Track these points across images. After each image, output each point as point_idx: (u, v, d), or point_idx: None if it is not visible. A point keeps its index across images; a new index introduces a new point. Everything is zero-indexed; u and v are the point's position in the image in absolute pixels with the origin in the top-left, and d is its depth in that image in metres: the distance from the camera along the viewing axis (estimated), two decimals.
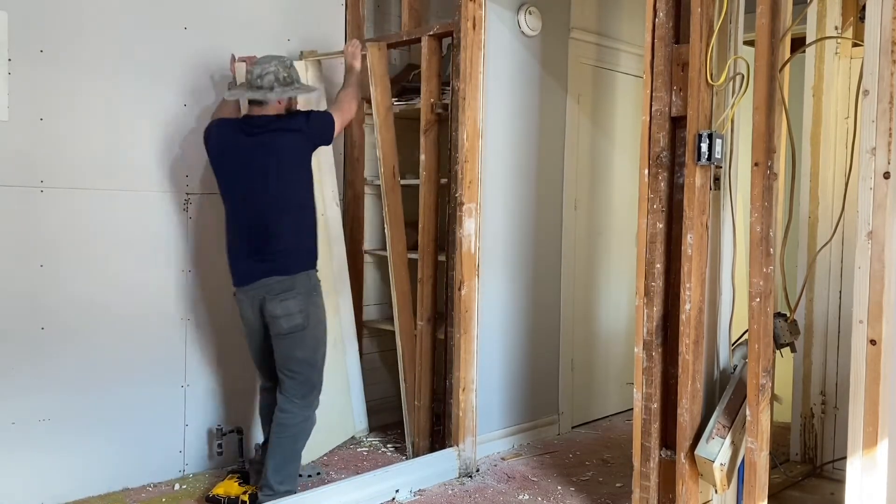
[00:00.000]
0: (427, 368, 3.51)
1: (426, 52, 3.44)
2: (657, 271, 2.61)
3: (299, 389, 2.91)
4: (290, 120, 2.89)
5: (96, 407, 3.02)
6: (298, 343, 2.87)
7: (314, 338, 2.92)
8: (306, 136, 2.88)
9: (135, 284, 3.11)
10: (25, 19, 2.80)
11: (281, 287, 2.82)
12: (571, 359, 4.05)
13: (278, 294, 2.82)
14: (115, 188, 3.03)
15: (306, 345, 2.89)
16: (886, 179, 2.13)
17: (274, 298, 2.82)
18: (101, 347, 3.02)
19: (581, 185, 4.05)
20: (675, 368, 2.58)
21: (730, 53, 2.54)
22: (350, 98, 3.11)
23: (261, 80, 2.83)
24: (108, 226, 3.03)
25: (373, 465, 3.43)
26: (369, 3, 3.91)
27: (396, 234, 3.46)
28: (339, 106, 3.05)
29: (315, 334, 2.92)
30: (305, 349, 2.89)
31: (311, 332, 2.89)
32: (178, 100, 3.19)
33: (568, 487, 3.25)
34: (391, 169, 3.46)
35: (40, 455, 2.89)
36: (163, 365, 3.20)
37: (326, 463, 3.48)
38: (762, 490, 2.41)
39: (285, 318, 2.82)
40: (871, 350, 2.17)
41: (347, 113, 3.06)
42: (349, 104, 3.08)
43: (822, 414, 3.35)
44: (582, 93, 4.01)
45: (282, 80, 2.85)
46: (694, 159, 2.47)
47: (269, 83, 2.83)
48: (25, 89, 2.81)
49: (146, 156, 3.11)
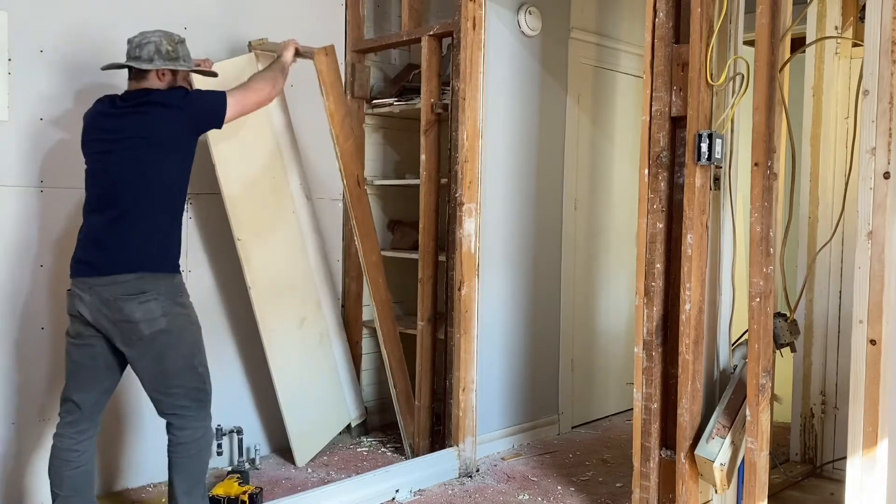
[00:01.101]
0: (427, 368, 3.51)
1: (426, 52, 3.44)
2: (657, 271, 2.61)
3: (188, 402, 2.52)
4: (165, 94, 2.48)
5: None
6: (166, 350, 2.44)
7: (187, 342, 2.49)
8: (182, 112, 2.44)
9: None
10: (25, 19, 2.80)
11: (130, 289, 2.36)
12: (571, 359, 4.05)
13: (130, 295, 2.36)
14: None
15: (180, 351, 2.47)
16: (886, 179, 2.13)
17: (130, 299, 2.36)
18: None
19: (581, 185, 4.05)
20: (675, 368, 2.58)
21: (730, 53, 2.54)
22: (261, 80, 2.73)
23: (139, 49, 2.48)
24: None
25: (373, 465, 3.43)
26: (369, 3, 3.91)
27: (368, 244, 3.40)
28: (243, 86, 2.67)
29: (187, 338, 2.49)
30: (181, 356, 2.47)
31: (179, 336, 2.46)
32: None
33: (568, 487, 3.25)
34: (354, 178, 3.33)
35: (40, 455, 2.89)
36: None
37: (327, 463, 3.48)
38: (762, 490, 2.41)
39: (146, 323, 2.37)
40: (871, 350, 2.17)
41: (253, 94, 2.66)
42: (258, 86, 2.69)
43: (822, 414, 3.35)
44: (582, 93, 4.01)
45: (164, 54, 2.48)
46: (694, 159, 2.47)
47: (147, 55, 2.47)
48: (25, 89, 2.81)
49: None
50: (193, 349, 2.50)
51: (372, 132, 3.98)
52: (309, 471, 3.37)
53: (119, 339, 2.40)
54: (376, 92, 3.92)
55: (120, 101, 2.49)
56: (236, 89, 2.63)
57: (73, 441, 2.46)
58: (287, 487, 3.17)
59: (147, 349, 2.40)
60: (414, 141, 3.64)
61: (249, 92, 2.65)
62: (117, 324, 2.37)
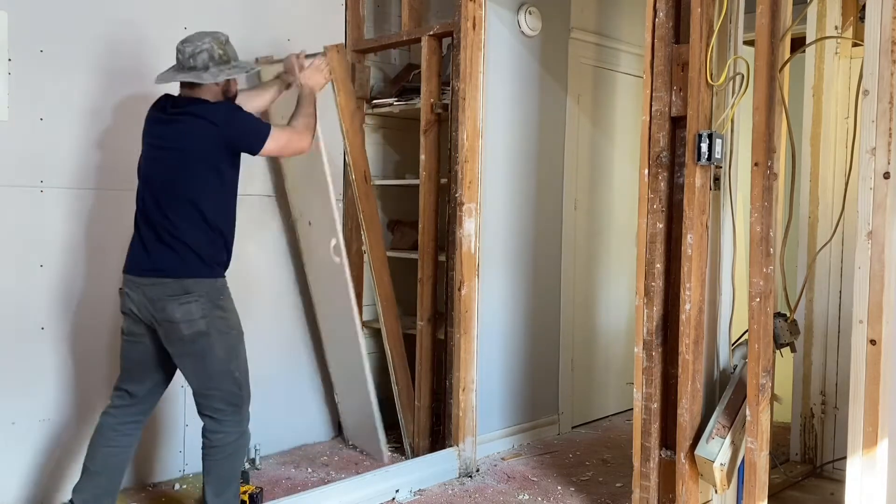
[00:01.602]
0: (427, 368, 3.51)
1: (426, 52, 3.44)
2: (657, 271, 2.61)
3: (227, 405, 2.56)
4: (210, 108, 2.48)
5: (96, 407, 3.02)
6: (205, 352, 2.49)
7: (224, 346, 2.52)
8: (221, 131, 2.44)
9: None
10: (25, 19, 2.80)
11: (173, 290, 2.44)
12: (571, 359, 4.05)
13: (172, 297, 2.44)
14: (115, 188, 3.03)
15: (216, 355, 2.50)
16: (886, 179, 2.13)
17: (171, 300, 2.44)
18: (101, 348, 3.02)
19: (581, 185, 4.05)
20: (675, 368, 2.58)
21: (730, 53, 2.54)
22: (302, 128, 2.66)
23: (193, 59, 2.48)
24: (108, 226, 3.02)
25: (373, 465, 3.43)
26: (369, 3, 3.91)
27: (374, 239, 3.42)
28: (289, 129, 2.64)
29: (224, 342, 2.52)
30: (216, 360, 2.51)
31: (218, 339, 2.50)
32: None
33: (568, 487, 3.25)
34: (362, 174, 3.37)
35: (40, 455, 2.89)
36: None
37: (327, 463, 3.48)
38: (762, 490, 2.41)
39: (185, 324, 2.44)
40: (871, 350, 2.17)
41: (296, 142, 2.62)
42: (299, 135, 2.63)
43: (822, 414, 3.35)
44: (582, 93, 4.01)
45: (217, 59, 2.49)
46: (694, 159, 2.47)
47: (202, 63, 2.48)
48: (25, 89, 2.81)
49: None
50: (231, 353, 2.53)
51: (372, 132, 3.98)
52: (309, 471, 3.37)
53: (164, 337, 2.49)
54: (376, 92, 3.92)
55: (171, 107, 2.55)
56: (282, 130, 2.61)
57: (117, 421, 2.57)
58: (287, 487, 3.18)
59: (187, 349, 2.47)
60: (414, 141, 3.64)
61: (294, 137, 2.62)
62: (161, 323, 2.46)
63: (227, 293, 2.57)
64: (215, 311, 2.49)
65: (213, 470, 2.56)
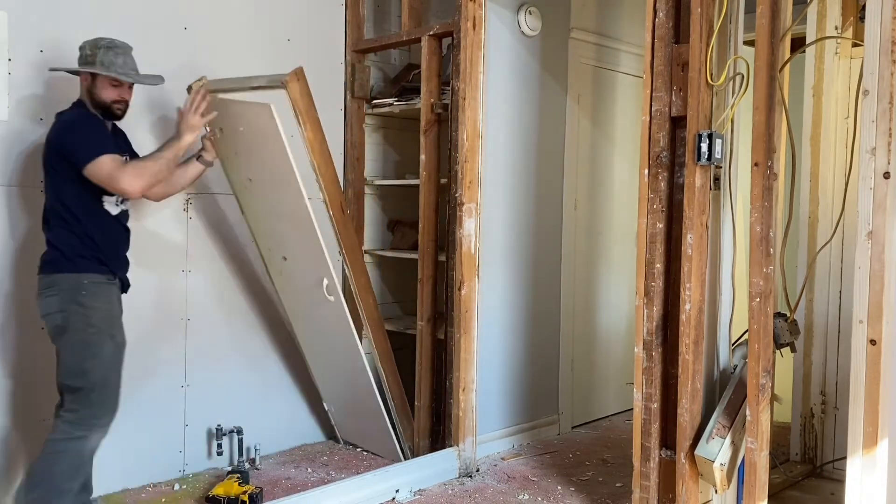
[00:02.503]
0: (427, 368, 3.52)
1: (426, 52, 3.44)
2: (657, 271, 2.61)
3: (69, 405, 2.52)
4: (63, 114, 2.59)
5: None
6: (63, 348, 2.51)
7: (80, 342, 2.50)
8: (53, 138, 2.52)
9: (135, 285, 3.09)
10: (25, 19, 2.80)
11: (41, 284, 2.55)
12: (571, 359, 4.05)
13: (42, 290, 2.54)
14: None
15: (72, 350, 2.50)
16: (886, 179, 2.13)
17: (40, 294, 2.54)
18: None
19: (581, 185, 4.05)
20: (675, 368, 2.58)
21: (730, 53, 2.54)
22: (137, 171, 2.51)
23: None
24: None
25: (373, 465, 3.43)
26: (369, 3, 3.91)
27: (357, 267, 3.34)
28: (119, 164, 2.48)
29: (82, 339, 2.49)
30: (71, 356, 2.50)
31: (74, 336, 2.49)
32: (177, 100, 3.18)
33: (568, 487, 3.25)
34: (339, 206, 3.19)
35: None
36: (163, 365, 3.20)
37: (327, 463, 3.48)
38: (762, 490, 2.41)
39: (47, 317, 2.51)
40: (871, 350, 2.17)
41: (116, 180, 2.45)
42: (128, 176, 2.46)
43: (822, 414, 3.35)
44: (582, 93, 4.01)
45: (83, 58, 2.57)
46: (694, 159, 2.47)
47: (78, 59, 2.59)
48: (25, 89, 2.81)
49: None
50: (85, 352, 2.49)
51: (372, 132, 3.98)
52: (309, 471, 3.37)
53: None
54: (376, 92, 3.92)
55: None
56: (112, 162, 2.46)
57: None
58: (287, 487, 3.18)
59: (53, 341, 2.54)
60: (414, 141, 3.64)
61: (119, 176, 2.46)
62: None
63: (94, 291, 2.53)
64: (72, 306, 2.48)
65: (32, 465, 2.52)
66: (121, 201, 2.64)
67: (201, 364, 3.31)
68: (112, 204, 2.61)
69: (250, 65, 3.37)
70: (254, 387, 3.51)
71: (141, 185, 2.51)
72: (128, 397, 3.08)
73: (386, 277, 4.08)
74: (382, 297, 4.08)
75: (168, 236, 3.19)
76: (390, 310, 4.08)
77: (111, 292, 2.60)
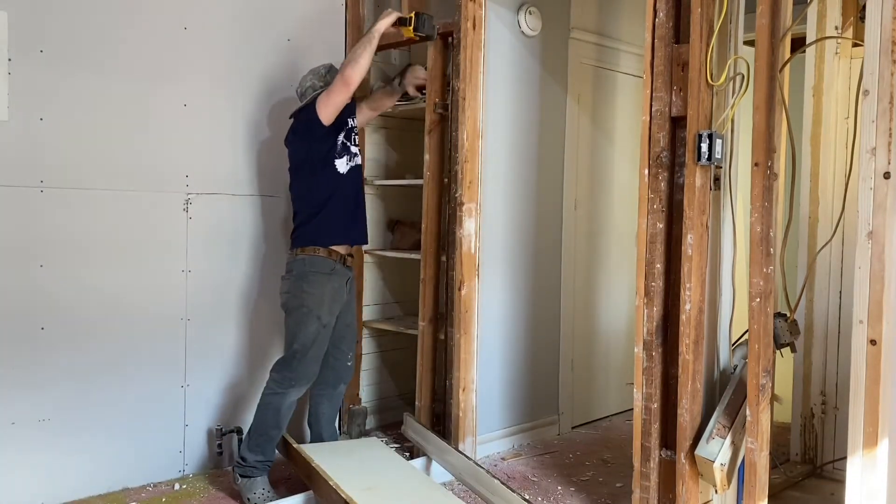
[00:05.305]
0: (428, 368, 3.51)
1: (432, 52, 3.43)
2: (657, 271, 2.61)
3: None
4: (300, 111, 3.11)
5: (96, 407, 3.02)
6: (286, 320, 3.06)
7: (292, 321, 3.02)
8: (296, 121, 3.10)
9: (135, 284, 3.11)
10: (25, 19, 2.80)
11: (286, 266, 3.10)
12: (571, 359, 4.05)
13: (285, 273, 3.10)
14: (115, 188, 3.03)
15: (287, 326, 3.06)
16: (886, 179, 2.13)
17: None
18: (101, 348, 3.03)
19: (581, 185, 4.05)
20: (675, 368, 2.58)
21: (730, 53, 2.54)
22: (350, 61, 2.90)
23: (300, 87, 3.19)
24: (108, 226, 3.03)
25: None
26: (369, 3, 3.91)
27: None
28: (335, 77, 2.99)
29: (293, 318, 3.00)
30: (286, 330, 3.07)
31: (290, 315, 3.02)
32: (177, 100, 3.19)
33: (568, 487, 3.25)
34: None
35: (40, 455, 2.90)
36: (163, 365, 3.20)
37: None
38: (762, 490, 2.41)
39: (281, 296, 3.09)
40: (871, 350, 2.17)
41: (333, 92, 2.93)
42: (340, 78, 2.91)
43: (822, 414, 3.35)
44: (582, 93, 4.01)
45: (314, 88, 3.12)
46: (694, 159, 2.47)
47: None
48: (25, 89, 2.81)
49: (146, 156, 3.11)
50: (294, 329, 2.98)
51: (372, 132, 3.98)
52: None
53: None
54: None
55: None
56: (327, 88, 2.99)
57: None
58: (288, 486, 3.17)
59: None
60: (414, 141, 3.64)
61: (333, 87, 2.93)
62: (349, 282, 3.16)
63: (319, 267, 2.98)
64: (294, 289, 3.00)
65: (256, 410, 3.03)
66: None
67: (201, 364, 3.31)
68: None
69: (250, 65, 3.37)
70: (254, 387, 3.50)
71: (349, 69, 2.87)
72: (128, 397, 3.10)
73: (386, 277, 4.08)
74: (383, 298, 4.08)
75: (168, 236, 3.19)
76: (391, 310, 4.08)
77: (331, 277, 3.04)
